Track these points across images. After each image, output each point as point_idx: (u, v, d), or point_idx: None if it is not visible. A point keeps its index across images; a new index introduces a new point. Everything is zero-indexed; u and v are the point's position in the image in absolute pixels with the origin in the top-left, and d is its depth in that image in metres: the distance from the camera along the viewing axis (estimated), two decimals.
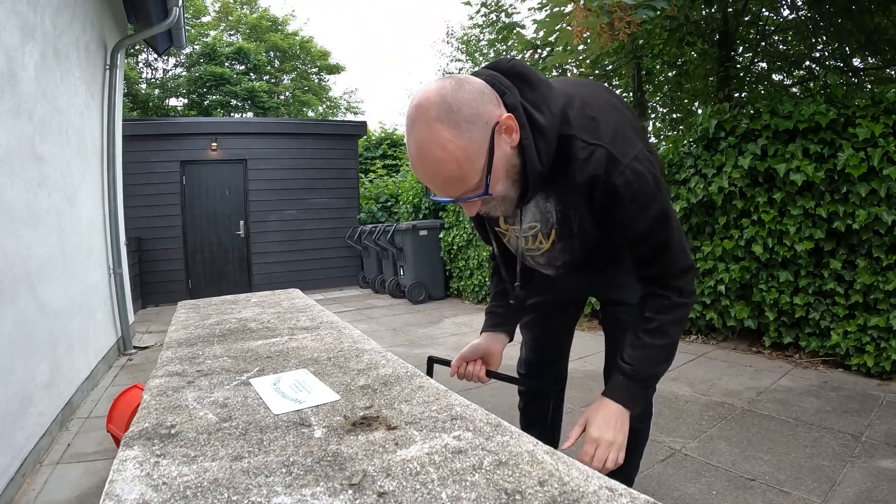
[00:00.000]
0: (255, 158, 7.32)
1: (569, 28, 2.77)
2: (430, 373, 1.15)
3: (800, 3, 4.86)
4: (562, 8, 2.76)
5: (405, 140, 0.88)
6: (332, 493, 0.41)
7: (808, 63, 5.34)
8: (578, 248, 1.03)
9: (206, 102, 13.64)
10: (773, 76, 5.55)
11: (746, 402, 2.49)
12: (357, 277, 7.82)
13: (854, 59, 5.05)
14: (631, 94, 5.93)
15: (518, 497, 0.39)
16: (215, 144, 7.06)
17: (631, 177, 0.88)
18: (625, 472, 1.33)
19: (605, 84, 5.99)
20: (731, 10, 4.46)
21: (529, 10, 12.64)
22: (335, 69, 17.08)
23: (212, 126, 7.46)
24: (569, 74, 5.35)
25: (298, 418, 0.60)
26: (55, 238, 2.71)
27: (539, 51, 5.38)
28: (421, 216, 6.69)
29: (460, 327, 4.66)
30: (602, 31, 2.72)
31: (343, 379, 0.74)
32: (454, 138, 0.77)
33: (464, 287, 5.98)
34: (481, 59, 7.13)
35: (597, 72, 5.42)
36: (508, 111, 0.83)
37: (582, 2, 2.54)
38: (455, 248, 5.95)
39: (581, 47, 2.82)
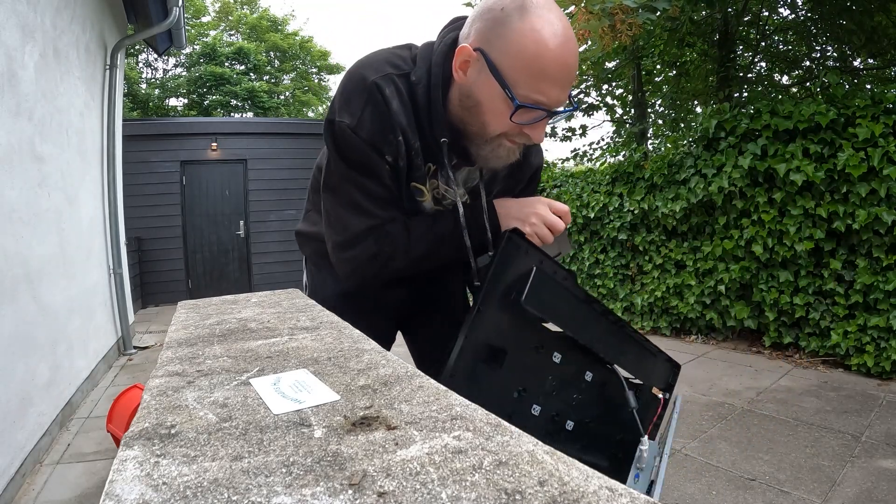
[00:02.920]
0: (255, 158, 7.32)
1: None
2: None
3: (800, 3, 4.86)
4: (563, 10, 2.76)
5: (531, 29, 0.73)
6: (332, 493, 0.41)
7: (807, 63, 5.34)
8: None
9: (206, 102, 13.63)
10: (773, 76, 5.55)
11: (746, 402, 2.49)
12: None
13: (854, 60, 5.05)
14: (631, 94, 5.93)
15: (518, 497, 0.39)
16: (215, 144, 7.06)
17: None
18: None
19: (604, 84, 6.01)
20: (731, 10, 4.46)
21: None
22: (335, 69, 17.07)
23: (212, 126, 7.46)
24: None
25: (298, 418, 0.60)
26: (55, 238, 2.71)
27: None
28: None
29: None
30: (604, 33, 2.71)
31: (343, 379, 0.74)
32: None
33: None
34: None
35: (598, 73, 5.42)
36: None
37: (583, 4, 2.54)
38: None
39: (582, 48, 2.82)
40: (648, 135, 6.37)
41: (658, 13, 2.93)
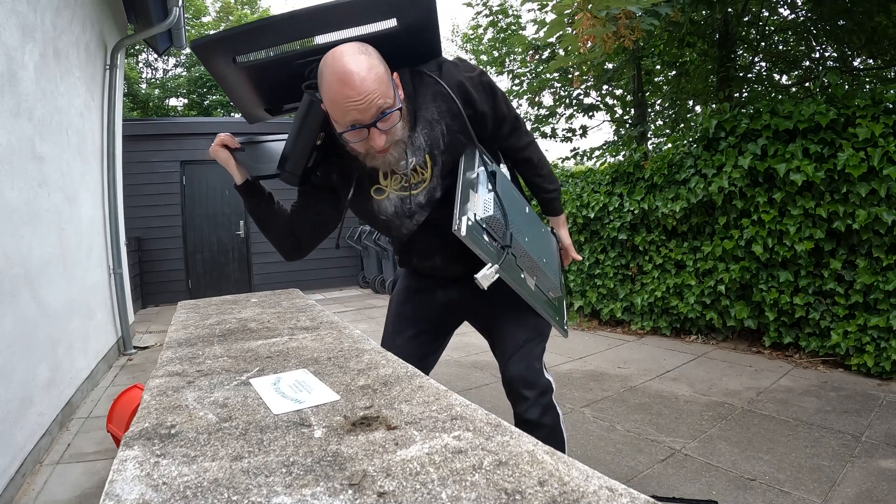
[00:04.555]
0: None
1: (570, 31, 2.76)
2: None
3: (800, 4, 4.86)
4: (565, 12, 2.75)
5: (323, 80, 0.99)
6: (332, 493, 0.41)
7: (807, 63, 5.34)
8: (448, 165, 1.17)
9: (206, 102, 13.62)
10: (773, 76, 5.55)
11: (746, 402, 2.49)
12: (357, 277, 7.81)
13: (854, 60, 5.05)
14: (631, 94, 5.93)
15: (518, 497, 0.39)
16: None
17: (488, 77, 1.18)
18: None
19: (604, 84, 6.02)
20: (730, 10, 4.46)
21: (528, 10, 12.63)
22: None
23: (212, 126, 7.46)
24: (569, 76, 5.35)
25: (298, 418, 0.60)
26: (55, 238, 2.71)
27: (539, 51, 5.38)
28: None
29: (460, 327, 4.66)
30: (607, 38, 2.71)
31: (343, 379, 0.74)
32: (377, 60, 0.99)
33: None
34: (485, 57, 7.16)
35: (598, 74, 5.43)
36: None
37: (588, 7, 2.53)
38: None
39: (582, 50, 2.81)
40: (648, 135, 6.38)
41: (663, 17, 2.93)
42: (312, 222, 1.26)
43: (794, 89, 5.33)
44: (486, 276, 1.03)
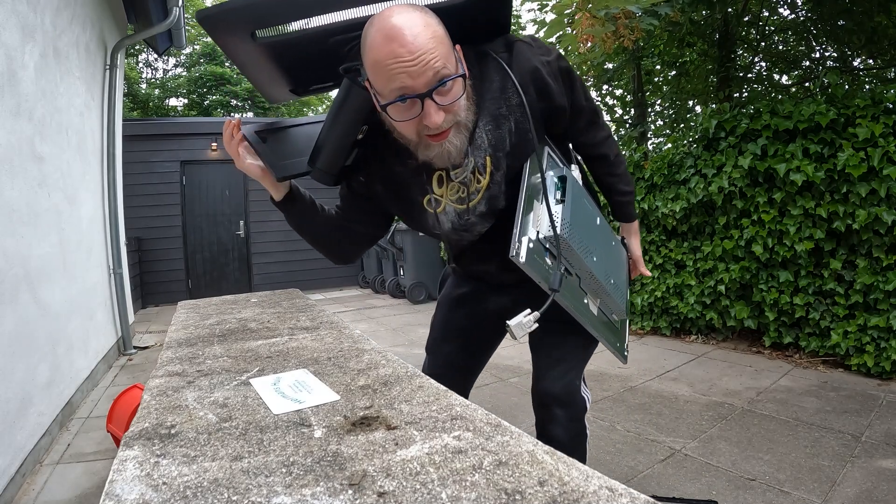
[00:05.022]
0: None
1: (570, 31, 2.77)
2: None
3: (800, 4, 4.86)
4: (565, 12, 2.76)
5: (366, 42, 0.80)
6: (332, 493, 0.41)
7: (807, 63, 5.34)
8: (514, 170, 0.99)
9: (206, 102, 13.62)
10: (773, 76, 5.56)
11: (746, 402, 2.49)
12: (357, 277, 7.81)
13: (854, 60, 5.05)
14: (631, 94, 5.93)
15: (518, 497, 0.39)
16: (215, 144, 7.06)
17: (566, 62, 0.99)
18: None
19: (604, 84, 6.02)
20: (730, 10, 4.47)
21: (528, 10, 12.65)
22: None
23: (212, 126, 7.46)
24: None
25: (298, 418, 0.60)
26: (55, 238, 2.71)
27: None
28: None
29: None
30: (606, 38, 2.72)
31: (343, 379, 0.74)
32: (434, 20, 0.81)
33: None
34: None
35: (598, 73, 5.43)
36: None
37: (588, 7, 2.53)
38: None
39: (581, 50, 2.81)
40: (648, 135, 6.38)
41: (663, 17, 2.93)
42: (355, 232, 1.12)
43: (794, 89, 5.33)
44: (521, 325, 0.85)
